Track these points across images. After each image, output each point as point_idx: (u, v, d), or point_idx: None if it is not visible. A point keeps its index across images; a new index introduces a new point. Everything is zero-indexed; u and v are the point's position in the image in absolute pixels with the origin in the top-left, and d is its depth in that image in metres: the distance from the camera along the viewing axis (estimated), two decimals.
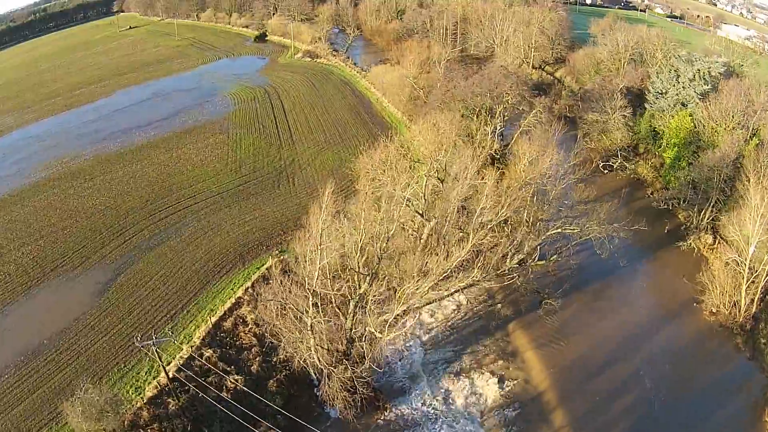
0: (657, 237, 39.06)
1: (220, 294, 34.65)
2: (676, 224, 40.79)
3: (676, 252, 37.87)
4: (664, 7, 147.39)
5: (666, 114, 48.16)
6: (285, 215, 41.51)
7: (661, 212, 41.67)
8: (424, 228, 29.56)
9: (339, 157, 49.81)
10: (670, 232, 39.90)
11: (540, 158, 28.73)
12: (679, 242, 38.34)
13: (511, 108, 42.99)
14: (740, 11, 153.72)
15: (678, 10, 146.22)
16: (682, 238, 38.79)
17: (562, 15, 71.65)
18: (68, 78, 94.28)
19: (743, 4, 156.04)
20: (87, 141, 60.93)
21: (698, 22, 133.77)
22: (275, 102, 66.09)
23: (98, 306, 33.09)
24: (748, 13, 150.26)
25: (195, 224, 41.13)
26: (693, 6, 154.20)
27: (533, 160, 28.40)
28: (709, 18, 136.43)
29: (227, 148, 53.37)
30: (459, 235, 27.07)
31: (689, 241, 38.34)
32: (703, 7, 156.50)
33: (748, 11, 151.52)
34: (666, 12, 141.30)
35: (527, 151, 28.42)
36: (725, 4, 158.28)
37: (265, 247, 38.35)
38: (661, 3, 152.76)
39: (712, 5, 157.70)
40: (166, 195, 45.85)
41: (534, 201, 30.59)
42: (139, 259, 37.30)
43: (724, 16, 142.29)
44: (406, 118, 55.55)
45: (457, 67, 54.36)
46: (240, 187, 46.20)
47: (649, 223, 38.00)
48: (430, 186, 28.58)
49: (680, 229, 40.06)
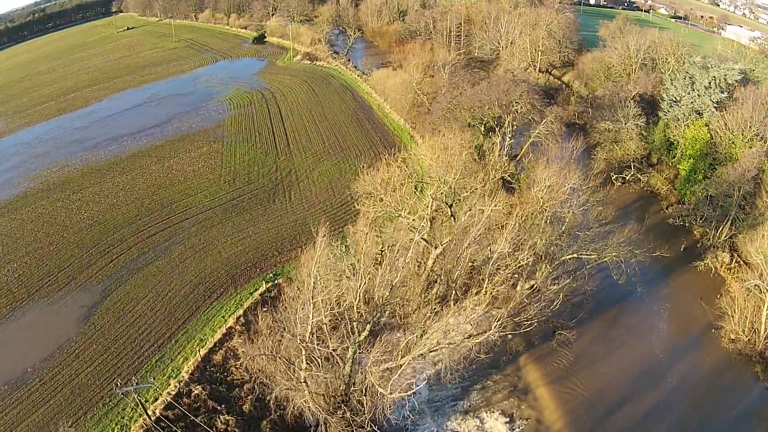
0: (673, 256, 36.16)
1: (211, 322, 31.78)
2: (692, 241, 38.08)
3: (693, 272, 35.19)
4: (667, 7, 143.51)
5: (681, 123, 45.01)
6: (280, 233, 38.48)
7: (676, 228, 38.81)
8: (429, 254, 26.60)
9: (338, 169, 46.60)
10: (686, 250, 37.15)
11: (558, 181, 25.41)
12: (696, 262, 35.67)
13: (521, 117, 39.71)
14: (743, 12, 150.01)
15: (681, 10, 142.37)
16: (699, 257, 36.07)
17: (569, 17, 68.04)
18: (63, 81, 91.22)
19: (745, 5, 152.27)
20: (77, 149, 58.13)
21: (702, 23, 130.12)
22: (272, 107, 62.80)
23: (83, 332, 30.93)
24: (751, 14, 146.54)
25: (185, 242, 38.26)
26: (696, 6, 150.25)
27: (551, 186, 25.11)
28: (713, 18, 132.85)
29: (221, 158, 50.13)
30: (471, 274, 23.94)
31: (706, 261, 35.60)
32: (706, 7, 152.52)
33: (750, 12, 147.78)
34: (670, 12, 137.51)
35: (544, 175, 25.05)
36: (728, 5, 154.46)
37: (258, 270, 35.35)
38: (664, 3, 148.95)
39: (715, 5, 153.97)
40: (157, 209, 42.87)
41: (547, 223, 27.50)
42: (126, 281, 34.89)
43: (727, 16, 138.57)
44: (409, 126, 52.23)
45: (462, 72, 50.84)
46: (233, 201, 43.04)
47: (665, 240, 35.55)
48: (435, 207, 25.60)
49: (696, 246, 37.33)
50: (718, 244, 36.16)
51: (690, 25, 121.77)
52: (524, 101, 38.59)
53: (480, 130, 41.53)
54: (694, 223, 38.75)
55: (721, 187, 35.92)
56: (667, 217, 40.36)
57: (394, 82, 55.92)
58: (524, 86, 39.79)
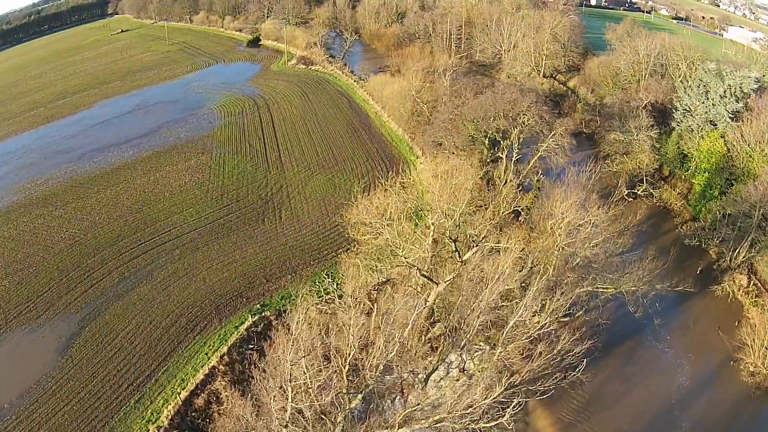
0: (690, 280, 32.86)
1: (193, 360, 28.57)
2: (708, 262, 35.04)
3: (710, 297, 32.16)
4: (668, 8, 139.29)
5: (695, 134, 41.50)
6: (269, 258, 35.02)
7: (691, 248, 35.50)
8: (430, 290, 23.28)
9: (332, 184, 42.94)
10: (702, 273, 34.01)
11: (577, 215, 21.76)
12: (713, 286, 32.60)
13: (528, 130, 36.16)
14: (743, 12, 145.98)
15: (683, 11, 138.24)
16: (716, 280, 33.00)
17: (574, 19, 64.14)
18: (53, 86, 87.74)
19: (745, 5, 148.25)
20: (63, 160, 54.83)
21: (704, 24, 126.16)
22: (264, 116, 59.06)
23: (60, 367, 28.42)
24: (751, 14, 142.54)
25: (168, 267, 35.00)
26: (697, 7, 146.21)
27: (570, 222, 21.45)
28: (713, 19, 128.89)
29: (209, 172, 46.52)
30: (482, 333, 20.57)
31: (723, 285, 32.50)
32: (706, 8, 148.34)
33: (751, 12, 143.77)
34: (671, 13, 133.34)
35: (561, 208, 21.44)
36: (728, 5, 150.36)
37: (244, 299, 31.97)
38: (665, 4, 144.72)
39: (715, 6, 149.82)
40: (140, 229, 39.52)
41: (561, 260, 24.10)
42: (105, 309, 31.98)
43: (728, 17, 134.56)
44: (408, 137, 48.54)
45: (464, 79, 47.11)
46: (220, 220, 39.55)
47: (680, 262, 32.87)
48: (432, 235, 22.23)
49: (713, 268, 34.29)
50: (735, 265, 33.07)
51: (692, 27, 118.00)
52: (532, 113, 35.04)
53: (484, 143, 38.02)
54: (709, 242, 35.54)
55: (740, 206, 32.64)
56: (681, 236, 37.02)
57: (392, 89, 52.16)
58: (532, 96, 36.17)
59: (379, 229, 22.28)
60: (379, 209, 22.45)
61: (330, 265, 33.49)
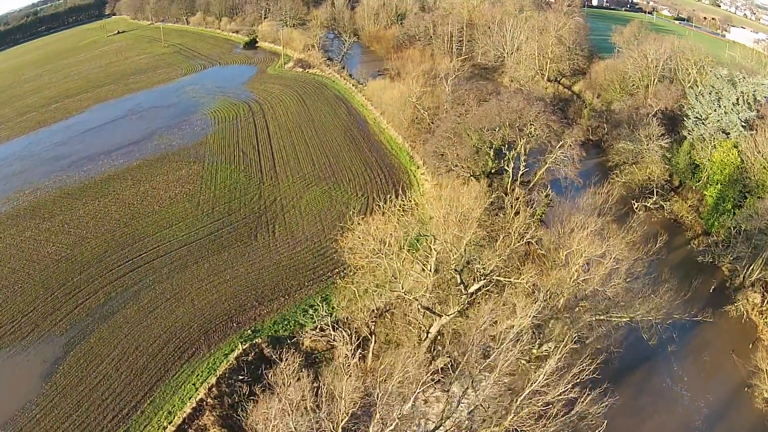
0: (702, 299, 30.56)
1: (180, 390, 26.22)
2: (721, 279, 32.81)
3: (724, 318, 29.92)
4: (670, 8, 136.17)
5: (707, 144, 38.94)
6: (261, 279, 32.47)
7: (703, 264, 33.14)
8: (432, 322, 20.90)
9: (328, 196, 40.28)
10: (715, 291, 31.80)
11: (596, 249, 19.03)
12: (727, 306, 30.33)
13: (535, 140, 33.61)
14: (744, 12, 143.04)
15: (684, 12, 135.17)
16: (729, 299, 30.83)
17: (579, 21, 61.29)
18: (47, 90, 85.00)
19: (745, 5, 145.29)
20: (52, 168, 52.36)
21: (705, 25, 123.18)
22: (259, 122, 56.29)
23: (45, 393, 26.45)
24: (752, 15, 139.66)
25: (156, 287, 32.62)
26: (698, 8, 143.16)
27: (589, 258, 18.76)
28: (715, 20, 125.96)
29: (200, 183, 43.88)
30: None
31: (737, 304, 30.28)
32: (708, 8, 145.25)
33: (752, 12, 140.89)
34: (673, 14, 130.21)
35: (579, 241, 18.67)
36: (728, 5, 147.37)
37: (235, 324, 29.49)
38: (666, 5, 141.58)
39: (716, 6, 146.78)
40: (127, 244, 37.13)
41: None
42: (91, 332, 29.85)
43: (730, 18, 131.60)
44: (408, 145, 45.87)
45: (466, 85, 44.40)
46: (211, 236, 37.01)
47: (692, 279, 30.21)
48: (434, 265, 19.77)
49: (726, 286, 32.17)
50: (749, 283, 30.77)
51: (694, 27, 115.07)
52: (540, 123, 32.44)
53: (489, 154, 35.45)
54: (722, 258, 33.16)
55: (756, 222, 30.24)
56: (693, 252, 34.72)
57: (392, 94, 49.46)
58: (540, 105, 33.52)
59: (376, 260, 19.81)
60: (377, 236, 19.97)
61: (325, 287, 31.08)
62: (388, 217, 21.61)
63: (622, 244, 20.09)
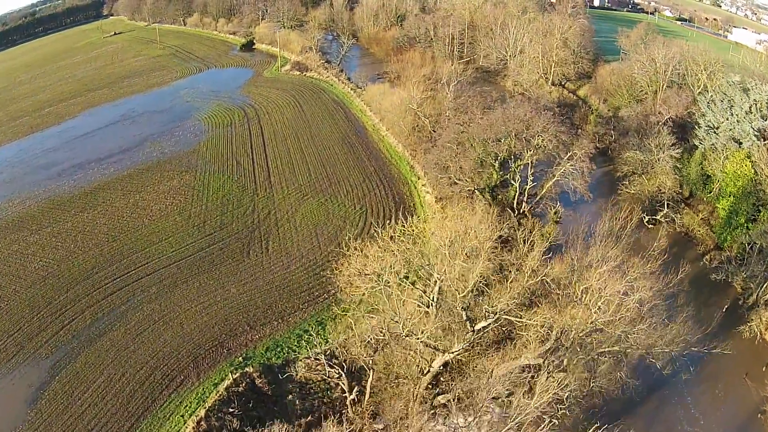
0: (714, 319, 28.26)
1: (168, 423, 24.15)
2: (734, 297, 30.69)
3: (737, 339, 27.77)
4: (672, 9, 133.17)
5: (719, 154, 36.60)
6: (253, 300, 30.20)
7: (716, 281, 31.01)
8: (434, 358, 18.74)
9: (324, 210, 37.87)
10: (728, 311, 29.63)
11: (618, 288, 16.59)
12: (740, 326, 28.17)
13: (543, 152, 31.26)
14: (745, 13, 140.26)
15: (686, 12, 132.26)
16: (742, 319, 28.64)
17: (584, 23, 58.58)
18: (41, 93, 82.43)
19: (746, 5, 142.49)
20: (43, 176, 50.15)
21: (707, 26, 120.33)
22: (254, 128, 53.73)
23: (29, 421, 24.70)
24: (753, 15, 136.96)
25: (144, 308, 30.51)
26: (699, 8, 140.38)
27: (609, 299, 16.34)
28: (717, 21, 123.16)
29: (192, 194, 41.48)
30: None
31: (750, 324, 28.10)
32: (709, 8, 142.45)
33: (753, 13, 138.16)
34: (675, 15, 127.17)
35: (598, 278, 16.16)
36: (729, 5, 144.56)
37: (225, 350, 27.31)
38: (668, 5, 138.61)
39: (717, 6, 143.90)
40: (116, 260, 34.98)
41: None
42: (77, 356, 28.02)
43: (732, 18, 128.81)
44: (409, 154, 43.39)
45: (470, 92, 41.90)
46: (202, 252, 34.68)
47: (704, 299, 28.83)
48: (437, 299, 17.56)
49: (739, 304, 29.96)
50: (762, 302, 28.63)
51: (696, 28, 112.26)
52: (549, 134, 30.08)
53: (494, 165, 33.13)
54: (736, 277, 30.99)
55: None
56: (705, 267, 32.49)
57: (392, 100, 46.98)
58: (548, 116, 31.10)
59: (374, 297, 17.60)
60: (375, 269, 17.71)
61: (321, 309, 28.89)
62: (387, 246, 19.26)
63: (646, 283, 17.60)
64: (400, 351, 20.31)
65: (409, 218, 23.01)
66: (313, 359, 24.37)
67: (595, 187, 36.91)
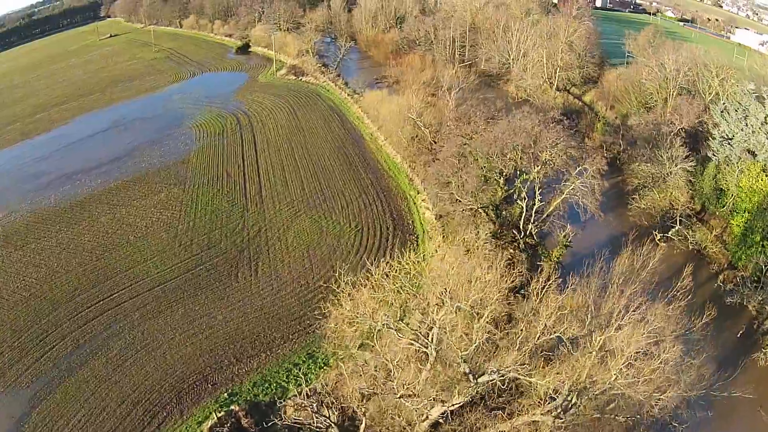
0: (729, 344, 26.39)
1: None
2: (748, 319, 28.11)
3: (753, 367, 25.31)
4: (674, 10, 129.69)
5: (733, 166, 33.99)
6: (240, 329, 27.76)
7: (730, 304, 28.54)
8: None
9: (318, 228, 35.23)
10: (743, 336, 27.13)
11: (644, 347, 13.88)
12: (754, 354, 25.74)
13: (552, 168, 28.68)
14: (746, 13, 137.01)
15: (688, 13, 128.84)
16: (757, 344, 26.23)
17: (589, 26, 55.61)
18: (34, 97, 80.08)
19: (747, 6, 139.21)
20: (30, 187, 47.86)
21: (710, 26, 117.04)
22: (247, 137, 50.97)
23: None
24: (754, 15, 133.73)
25: (126, 335, 28.26)
26: (701, 8, 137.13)
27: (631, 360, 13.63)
28: (719, 21, 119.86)
29: (180, 209, 38.92)
30: None
31: (766, 351, 25.67)
32: (710, 9, 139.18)
33: (754, 13, 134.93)
34: (677, 15, 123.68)
35: (623, 343, 13.29)
36: (729, 6, 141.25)
37: (210, 385, 24.95)
38: (670, 6, 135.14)
39: (718, 6, 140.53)
40: (99, 281, 32.67)
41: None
42: (57, 386, 26.00)
43: (734, 19, 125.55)
44: (407, 166, 40.70)
45: (472, 100, 39.07)
46: (188, 274, 32.15)
47: (718, 323, 24.78)
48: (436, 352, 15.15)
49: (753, 328, 27.48)
50: None
51: (698, 29, 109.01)
52: (558, 150, 27.48)
53: (498, 182, 30.57)
54: (751, 300, 28.46)
55: None
56: (720, 291, 29.72)
57: (390, 108, 44.25)
58: (558, 130, 28.41)
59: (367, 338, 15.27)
60: (366, 317, 15.30)
61: (312, 341, 26.44)
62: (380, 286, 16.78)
63: (671, 337, 14.87)
64: (395, 400, 18.02)
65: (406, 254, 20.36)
66: (302, 399, 22.11)
67: (603, 199, 34.43)
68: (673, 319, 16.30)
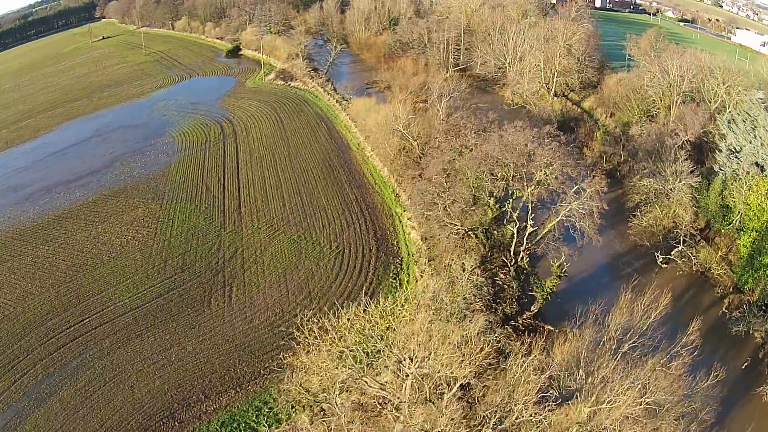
0: (732, 376, 23.73)
1: None
2: (753, 347, 25.84)
3: (756, 401, 23.28)
4: (674, 10, 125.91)
5: (741, 182, 31.53)
6: (210, 362, 25.90)
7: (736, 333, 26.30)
8: None
9: (296, 249, 33.06)
10: (747, 368, 24.97)
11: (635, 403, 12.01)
12: (758, 387, 23.63)
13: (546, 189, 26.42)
14: (746, 13, 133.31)
15: (688, 13, 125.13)
16: (762, 376, 24.12)
17: (589, 28, 52.89)
18: (23, 103, 78.53)
19: (747, 6, 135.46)
20: (10, 200, 46.60)
21: (710, 27, 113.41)
22: (230, 147, 48.89)
23: None
24: (755, 15, 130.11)
25: (95, 364, 26.77)
26: (701, 8, 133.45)
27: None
28: (720, 21, 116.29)
29: (156, 226, 37.02)
30: None
31: None
32: (710, 9, 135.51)
33: (754, 13, 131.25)
34: (677, 16, 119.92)
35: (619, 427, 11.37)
36: (730, 6, 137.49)
37: (177, 423, 23.19)
38: (669, 6, 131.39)
39: (718, 7, 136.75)
40: (71, 305, 31.10)
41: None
42: (26, 417, 24.78)
43: (735, 19, 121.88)
44: (394, 180, 38.47)
45: (463, 110, 36.76)
46: (160, 299, 30.27)
47: (722, 353, 24.45)
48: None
49: (758, 357, 25.25)
50: None
51: (699, 29, 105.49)
52: (554, 171, 25.12)
53: (489, 204, 28.39)
54: (758, 328, 26.13)
55: None
56: (724, 315, 27.56)
57: (377, 118, 41.92)
58: (553, 147, 25.95)
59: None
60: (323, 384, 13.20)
61: (283, 378, 24.65)
62: (342, 341, 14.55)
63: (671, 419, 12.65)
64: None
65: (373, 303, 18.13)
66: None
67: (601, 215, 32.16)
68: (675, 381, 14.10)
